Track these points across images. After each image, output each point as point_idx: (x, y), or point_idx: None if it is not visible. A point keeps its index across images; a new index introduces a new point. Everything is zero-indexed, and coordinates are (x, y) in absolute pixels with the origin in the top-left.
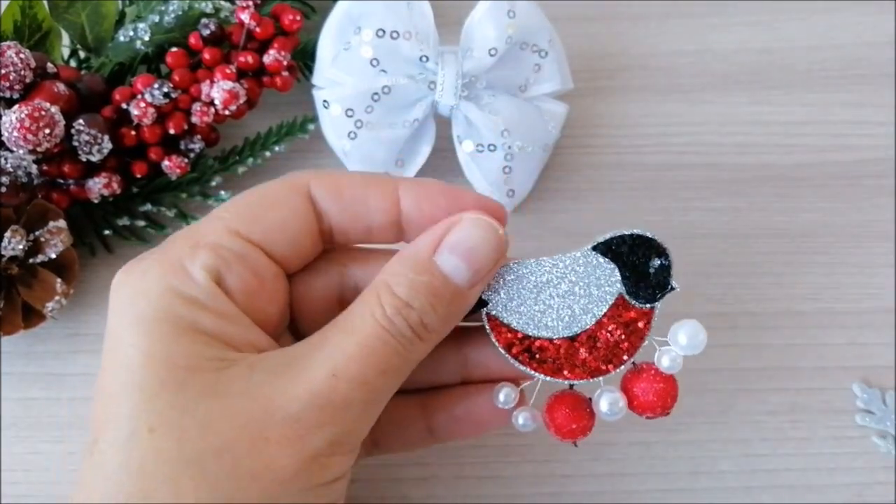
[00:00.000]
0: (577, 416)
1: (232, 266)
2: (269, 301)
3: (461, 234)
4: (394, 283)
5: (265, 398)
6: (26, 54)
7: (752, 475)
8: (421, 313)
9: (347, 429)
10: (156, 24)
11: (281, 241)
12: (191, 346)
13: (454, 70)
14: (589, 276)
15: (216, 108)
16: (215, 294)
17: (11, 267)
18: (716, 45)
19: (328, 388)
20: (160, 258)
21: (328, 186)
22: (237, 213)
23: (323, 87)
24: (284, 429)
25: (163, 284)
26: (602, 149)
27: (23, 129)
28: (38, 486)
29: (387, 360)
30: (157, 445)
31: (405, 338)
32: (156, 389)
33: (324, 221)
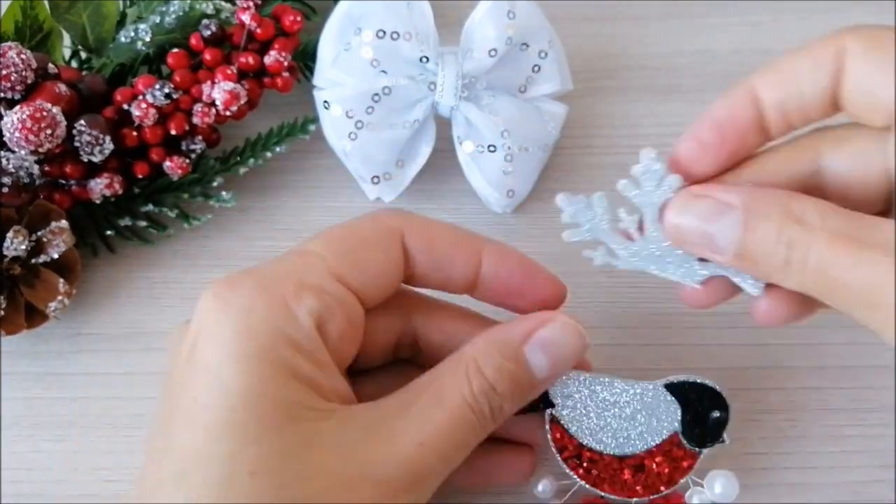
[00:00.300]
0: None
1: (334, 312)
2: (353, 344)
3: (553, 335)
4: (483, 363)
5: (359, 457)
6: (27, 55)
7: (751, 473)
8: (502, 399)
9: (423, 497)
10: (157, 24)
11: (374, 286)
12: (291, 392)
13: (454, 71)
14: (653, 408)
15: (217, 108)
16: (316, 341)
17: (14, 267)
18: (716, 45)
19: (417, 459)
20: (265, 294)
21: (421, 236)
22: (337, 254)
23: (323, 87)
24: (375, 490)
25: (270, 325)
26: (602, 149)
27: (24, 130)
28: (39, 485)
29: (466, 436)
30: (256, 490)
31: (485, 418)
32: (258, 433)
33: (410, 268)
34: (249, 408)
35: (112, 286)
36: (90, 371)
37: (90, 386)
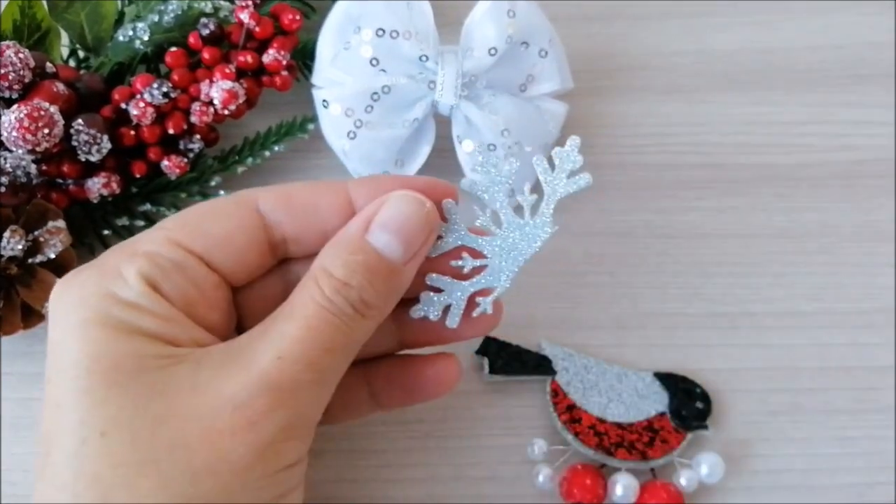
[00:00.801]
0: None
1: (169, 274)
2: (209, 310)
3: (389, 212)
4: (330, 265)
5: (213, 390)
6: (25, 54)
7: (754, 476)
8: (360, 290)
9: (299, 411)
10: (155, 23)
11: (224, 253)
12: (134, 346)
13: (454, 69)
14: (641, 392)
15: (215, 107)
16: (152, 297)
17: (11, 267)
18: (716, 45)
19: (275, 372)
20: (98, 266)
21: (276, 197)
22: (180, 224)
23: (322, 86)
24: (235, 418)
25: (101, 290)
26: (602, 149)
27: (22, 129)
28: None
29: (331, 338)
30: (110, 450)
31: (347, 315)
32: (103, 393)
33: (275, 233)
34: (92, 372)
35: None
36: None
37: None
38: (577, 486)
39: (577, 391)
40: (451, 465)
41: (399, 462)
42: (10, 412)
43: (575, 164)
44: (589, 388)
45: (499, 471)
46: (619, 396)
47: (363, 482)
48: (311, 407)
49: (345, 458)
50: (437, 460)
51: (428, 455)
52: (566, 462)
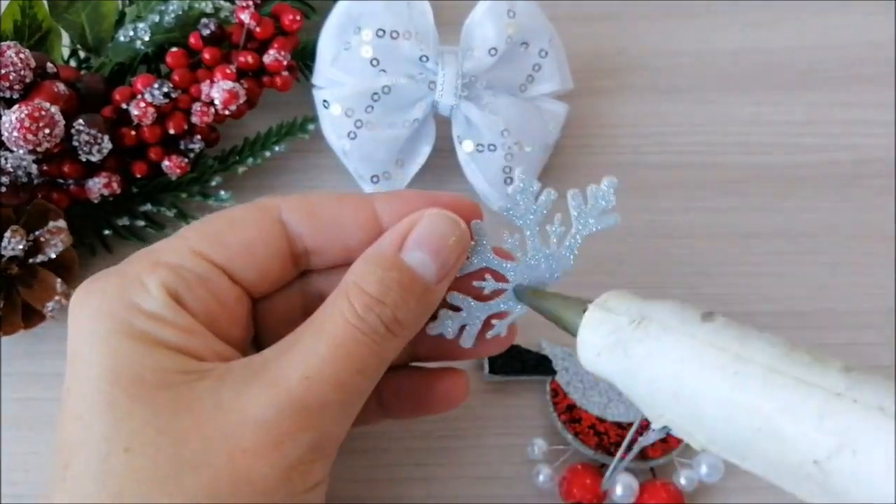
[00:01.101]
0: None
1: (192, 287)
2: (231, 324)
3: (425, 230)
4: (363, 282)
5: (238, 408)
6: (26, 54)
7: (754, 476)
8: (394, 309)
9: (325, 431)
10: (156, 23)
11: (246, 264)
12: (157, 359)
13: (454, 70)
14: None
15: (216, 107)
16: (175, 309)
17: (11, 267)
18: (716, 45)
19: (303, 392)
20: (120, 275)
21: (299, 208)
22: (202, 234)
23: (323, 86)
24: (261, 437)
25: (123, 300)
26: (602, 149)
27: (23, 129)
28: (38, 486)
29: (361, 358)
30: (133, 465)
31: (378, 334)
32: (127, 407)
33: (297, 245)
34: (116, 385)
35: None
36: None
37: None
38: (577, 485)
39: (576, 391)
40: (451, 465)
41: (399, 462)
42: (10, 412)
43: (608, 204)
44: (589, 387)
45: (499, 471)
46: (619, 396)
47: (363, 482)
48: (337, 427)
49: (345, 458)
50: (437, 460)
51: (428, 455)
52: (566, 462)
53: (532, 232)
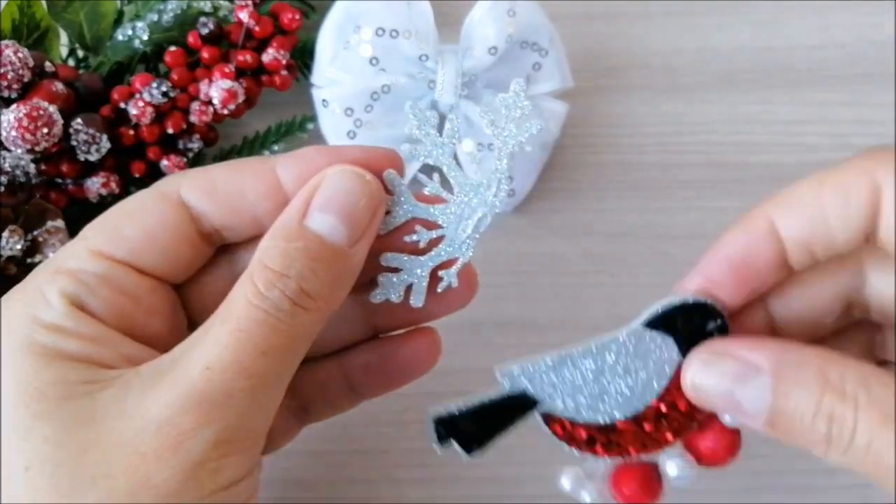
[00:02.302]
0: (648, 487)
1: (94, 289)
2: (149, 316)
3: (328, 191)
4: (265, 257)
5: (139, 412)
6: (24, 53)
7: (754, 476)
8: (300, 280)
9: (233, 423)
10: (154, 23)
11: (151, 254)
12: (58, 372)
13: (454, 69)
14: (644, 352)
15: (215, 107)
16: (76, 318)
17: (9, 267)
18: (717, 44)
19: (203, 384)
20: (21, 290)
21: (198, 185)
22: (99, 230)
23: (322, 85)
24: (160, 439)
25: (24, 314)
26: (602, 148)
27: (21, 129)
28: None
29: (265, 340)
30: (33, 484)
31: (283, 311)
32: (28, 425)
33: (204, 224)
34: (18, 403)
35: None
36: None
37: None
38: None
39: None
40: (450, 466)
41: (399, 462)
42: None
43: (523, 109)
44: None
45: (499, 471)
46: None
47: (364, 482)
48: (250, 417)
49: (345, 458)
50: (437, 460)
51: (428, 455)
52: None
53: (449, 165)
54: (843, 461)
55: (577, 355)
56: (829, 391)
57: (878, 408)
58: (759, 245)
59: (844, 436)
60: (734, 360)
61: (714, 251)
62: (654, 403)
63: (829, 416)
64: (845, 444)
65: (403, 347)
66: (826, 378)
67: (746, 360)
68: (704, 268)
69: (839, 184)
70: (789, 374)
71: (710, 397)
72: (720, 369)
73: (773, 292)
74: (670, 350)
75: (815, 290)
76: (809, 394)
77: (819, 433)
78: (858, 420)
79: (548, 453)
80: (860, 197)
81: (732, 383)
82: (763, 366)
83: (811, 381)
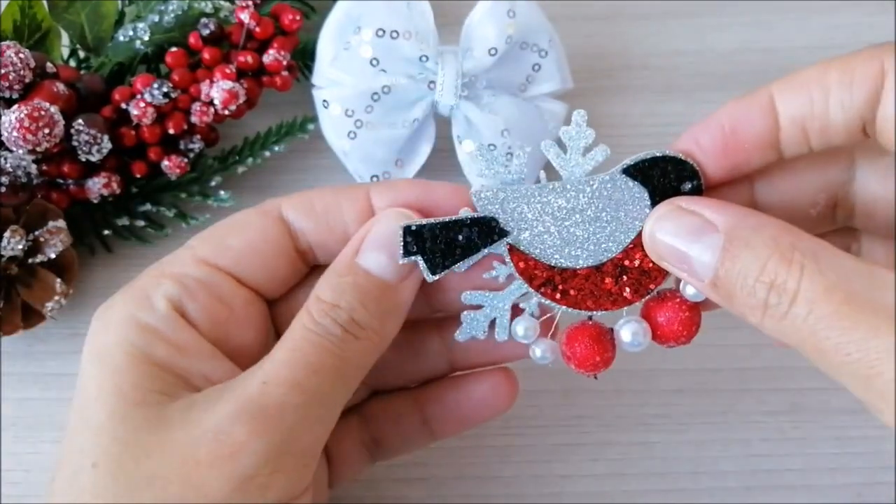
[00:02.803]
0: (600, 347)
1: (196, 294)
2: (242, 327)
3: (380, 231)
4: (319, 290)
5: (199, 422)
6: (26, 54)
7: (753, 475)
8: (349, 311)
9: (284, 438)
10: (155, 23)
11: (252, 266)
12: (141, 376)
13: (454, 70)
14: (617, 201)
15: (216, 107)
16: (174, 323)
17: (11, 267)
18: (716, 45)
19: (258, 396)
20: (128, 290)
21: (299, 205)
22: (205, 241)
23: (323, 86)
24: (215, 447)
25: (124, 313)
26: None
27: (22, 129)
28: (38, 486)
29: (318, 359)
30: (96, 481)
31: (335, 336)
32: (102, 423)
33: (301, 241)
34: (97, 400)
35: (109, 286)
36: None
37: None
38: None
39: (545, 247)
40: (450, 465)
41: (399, 462)
42: (10, 412)
43: (588, 139)
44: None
45: (499, 471)
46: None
47: (363, 482)
48: (300, 433)
49: None
50: (437, 460)
51: (428, 454)
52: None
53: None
54: (776, 329)
55: (551, 190)
56: (777, 256)
57: (825, 278)
58: (754, 117)
59: (783, 302)
60: (693, 215)
61: (710, 117)
62: (619, 257)
63: (770, 282)
64: (783, 311)
65: (480, 385)
66: (777, 243)
67: (705, 217)
68: (696, 131)
69: (846, 65)
70: (742, 236)
71: (663, 249)
72: (678, 222)
73: (761, 175)
74: (643, 203)
75: (804, 177)
76: (756, 258)
77: (757, 298)
78: (801, 288)
79: (548, 453)
80: (864, 79)
81: (686, 237)
82: (719, 224)
83: (761, 245)
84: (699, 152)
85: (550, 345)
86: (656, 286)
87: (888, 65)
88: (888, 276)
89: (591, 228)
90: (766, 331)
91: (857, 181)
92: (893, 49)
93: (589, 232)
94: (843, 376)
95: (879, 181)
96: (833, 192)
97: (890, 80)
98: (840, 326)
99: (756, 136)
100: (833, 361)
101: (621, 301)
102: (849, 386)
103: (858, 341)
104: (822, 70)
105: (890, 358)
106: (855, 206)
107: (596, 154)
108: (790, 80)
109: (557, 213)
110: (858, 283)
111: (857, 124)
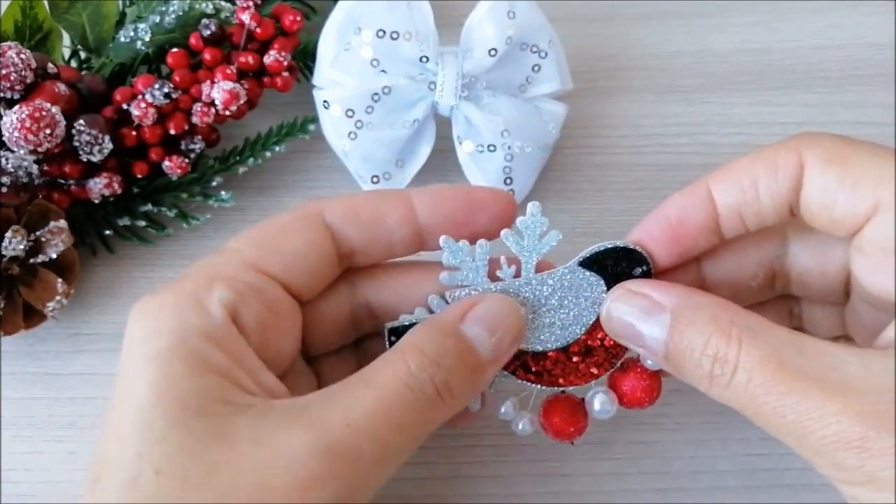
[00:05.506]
0: (574, 419)
1: (249, 300)
2: (283, 335)
3: (485, 308)
4: (422, 343)
5: (272, 445)
6: (27, 55)
7: (752, 475)
8: (447, 373)
9: (355, 484)
10: (156, 24)
11: (300, 272)
12: (201, 385)
13: (454, 70)
14: (577, 290)
15: (217, 108)
16: (230, 331)
17: (12, 267)
18: (716, 46)
19: (339, 438)
20: (176, 292)
21: (344, 210)
22: (253, 245)
23: (323, 87)
24: (290, 476)
25: (178, 319)
26: (602, 149)
27: (24, 130)
28: (38, 485)
29: (403, 416)
30: (160, 489)
31: (426, 396)
32: (164, 431)
33: (343, 246)
34: (157, 406)
35: (111, 286)
36: (89, 371)
37: (89, 386)
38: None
39: None
40: (450, 464)
41: None
42: (11, 412)
43: (542, 226)
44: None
45: (499, 470)
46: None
47: None
48: (367, 483)
49: None
50: (436, 459)
51: (427, 454)
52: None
53: (485, 287)
54: (722, 396)
55: (518, 285)
56: (718, 332)
57: (760, 350)
58: (696, 208)
59: (726, 373)
60: (643, 297)
61: (657, 210)
62: (583, 338)
63: (713, 355)
64: (727, 381)
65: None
66: (717, 320)
67: (653, 298)
68: (645, 224)
69: (770, 158)
70: (686, 315)
71: (618, 328)
72: (630, 303)
73: (706, 256)
74: (600, 289)
75: (743, 255)
76: (700, 333)
77: (704, 370)
78: (740, 359)
79: (547, 453)
80: (787, 168)
81: (637, 316)
82: (666, 305)
83: (703, 322)
84: (651, 242)
85: (530, 418)
86: (618, 360)
87: (806, 154)
88: (816, 345)
89: (557, 315)
90: (714, 397)
91: (790, 255)
92: (812, 140)
93: (555, 318)
94: (781, 435)
95: (810, 253)
96: (770, 266)
97: (808, 171)
98: (776, 392)
99: (699, 225)
100: (771, 423)
101: (589, 376)
102: (787, 443)
103: (792, 405)
104: (750, 162)
105: (819, 418)
106: (791, 276)
107: (549, 239)
108: (724, 172)
109: (524, 304)
110: (790, 352)
111: (784, 207)
